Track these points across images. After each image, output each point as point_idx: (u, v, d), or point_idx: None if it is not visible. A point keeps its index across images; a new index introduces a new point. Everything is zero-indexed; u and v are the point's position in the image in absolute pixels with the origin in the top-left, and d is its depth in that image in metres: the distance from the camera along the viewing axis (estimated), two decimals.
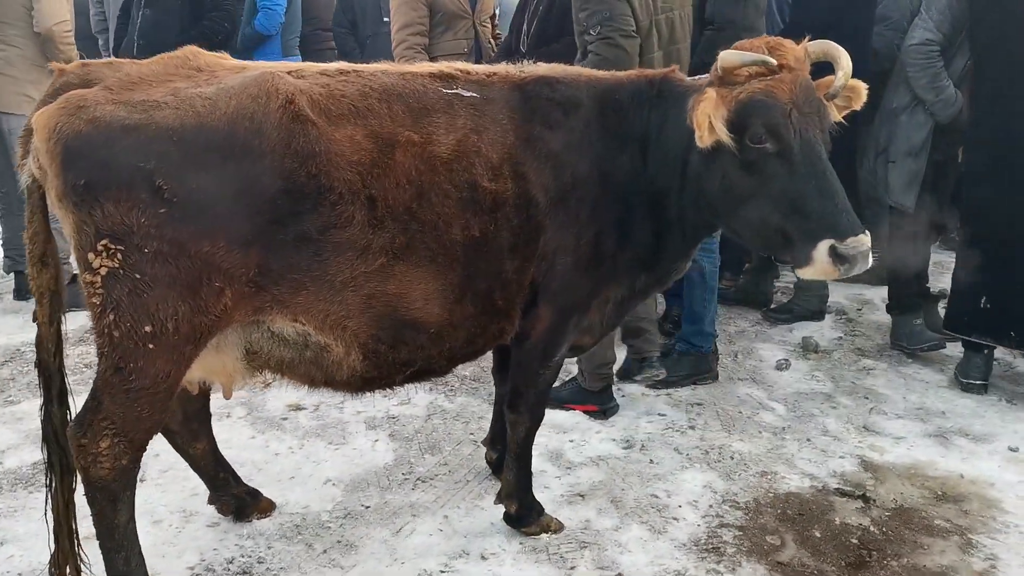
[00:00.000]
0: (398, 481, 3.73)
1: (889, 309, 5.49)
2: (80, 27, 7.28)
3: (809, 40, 2.89)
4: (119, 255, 2.46)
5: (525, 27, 5.11)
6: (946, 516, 3.59)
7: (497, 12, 6.48)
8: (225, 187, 2.52)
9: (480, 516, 3.49)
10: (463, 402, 4.50)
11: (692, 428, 4.30)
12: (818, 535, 3.43)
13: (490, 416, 3.98)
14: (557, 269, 3.01)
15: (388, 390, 3.22)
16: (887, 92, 5.37)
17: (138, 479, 3.60)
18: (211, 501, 3.40)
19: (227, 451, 3.85)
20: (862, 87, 2.88)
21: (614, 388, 4.52)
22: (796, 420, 4.42)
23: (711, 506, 3.60)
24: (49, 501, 2.83)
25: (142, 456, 2.74)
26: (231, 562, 3.16)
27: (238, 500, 3.43)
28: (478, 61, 5.63)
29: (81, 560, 2.87)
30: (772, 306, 6.08)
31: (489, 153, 2.87)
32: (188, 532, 3.34)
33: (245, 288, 2.61)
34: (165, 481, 3.66)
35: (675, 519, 3.51)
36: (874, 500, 3.68)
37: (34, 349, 2.79)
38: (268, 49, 7.48)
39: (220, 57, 2.86)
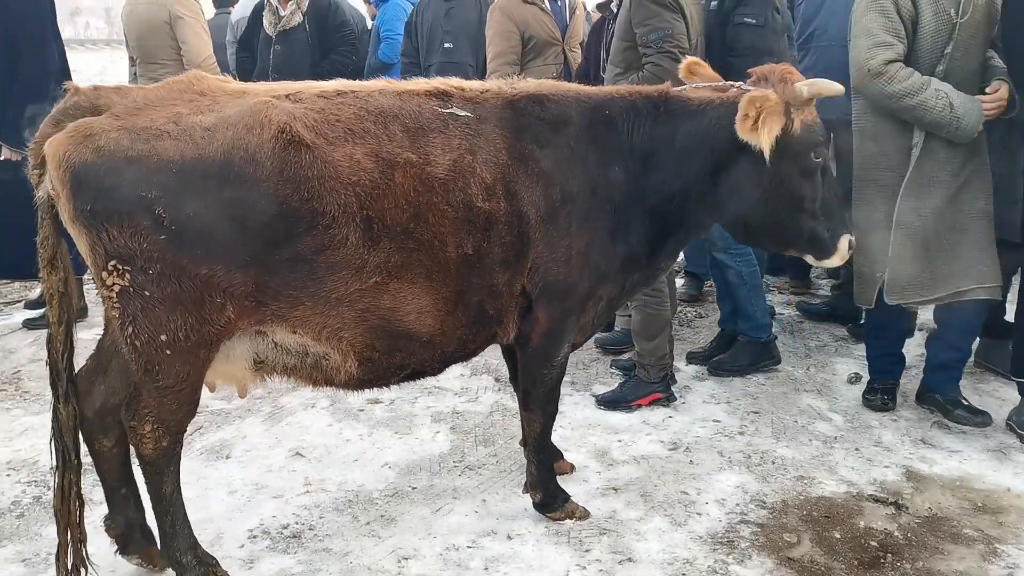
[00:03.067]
0: (448, 467, 4.07)
1: (983, 331, 5.38)
2: (220, 61, 8.08)
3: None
4: (127, 275, 2.70)
5: (604, 53, 5.38)
6: (978, 526, 3.59)
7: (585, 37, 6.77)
8: (222, 214, 2.72)
9: (515, 502, 3.76)
10: None
11: (742, 434, 4.43)
12: (837, 536, 3.52)
13: None
14: (550, 279, 3.22)
15: (383, 388, 3.38)
16: None
17: (224, 456, 4.14)
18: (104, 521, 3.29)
19: (305, 436, 4.38)
20: None
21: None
22: (851, 431, 4.47)
23: (737, 504, 3.75)
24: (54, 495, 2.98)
25: (182, 437, 3.05)
26: (285, 527, 3.57)
27: (129, 527, 3.25)
28: None
29: (85, 555, 3.01)
30: (861, 322, 6.04)
31: (483, 173, 3.06)
32: (255, 502, 3.78)
33: (245, 302, 2.84)
34: (246, 460, 4.13)
35: (698, 514, 3.68)
36: (907, 507, 3.72)
37: None
38: (391, 76, 8.06)
39: (223, 81, 3.06)
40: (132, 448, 3.06)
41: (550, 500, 3.61)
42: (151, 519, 3.19)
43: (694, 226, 3.47)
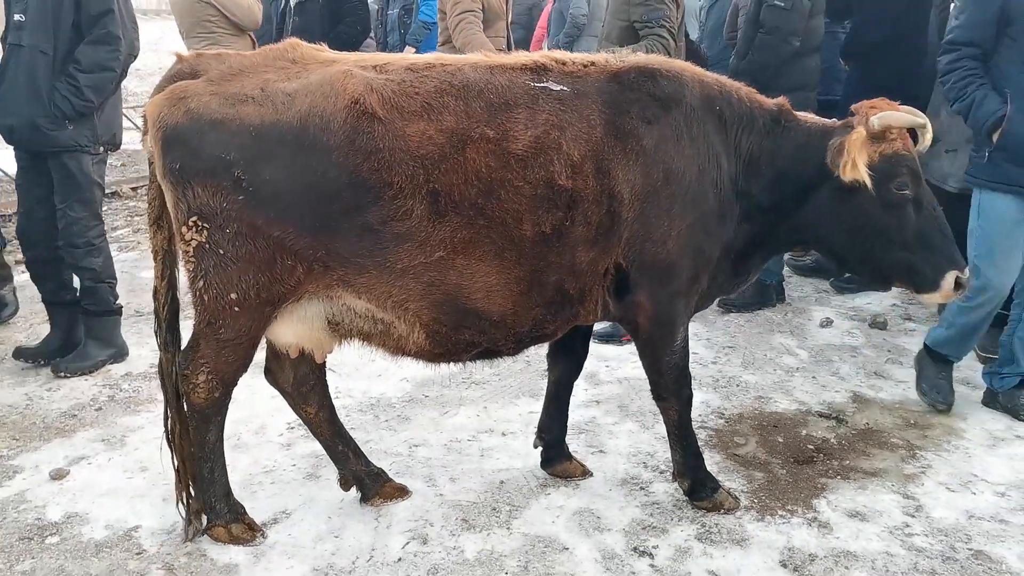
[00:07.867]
0: (457, 382, 4.76)
1: None
2: (267, 32, 8.74)
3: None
4: (206, 231, 2.85)
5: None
6: (906, 437, 4.20)
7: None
8: (295, 179, 2.82)
9: (512, 410, 4.45)
10: None
11: (714, 363, 5.06)
12: (780, 440, 4.15)
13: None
14: (647, 259, 3.12)
15: (458, 363, 3.37)
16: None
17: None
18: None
19: (337, 355, 4.99)
20: None
21: None
22: (813, 363, 5.08)
23: (700, 415, 4.38)
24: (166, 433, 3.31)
25: (232, 390, 3.19)
26: None
27: (357, 478, 3.54)
28: None
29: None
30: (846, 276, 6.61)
31: (571, 149, 2.96)
32: None
33: (314, 266, 2.92)
34: None
35: None
36: (847, 422, 4.35)
37: None
38: (431, 40, 8.65)
39: (317, 49, 3.11)
40: (183, 395, 3.15)
41: (698, 488, 3.56)
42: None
43: (780, 243, 3.52)
